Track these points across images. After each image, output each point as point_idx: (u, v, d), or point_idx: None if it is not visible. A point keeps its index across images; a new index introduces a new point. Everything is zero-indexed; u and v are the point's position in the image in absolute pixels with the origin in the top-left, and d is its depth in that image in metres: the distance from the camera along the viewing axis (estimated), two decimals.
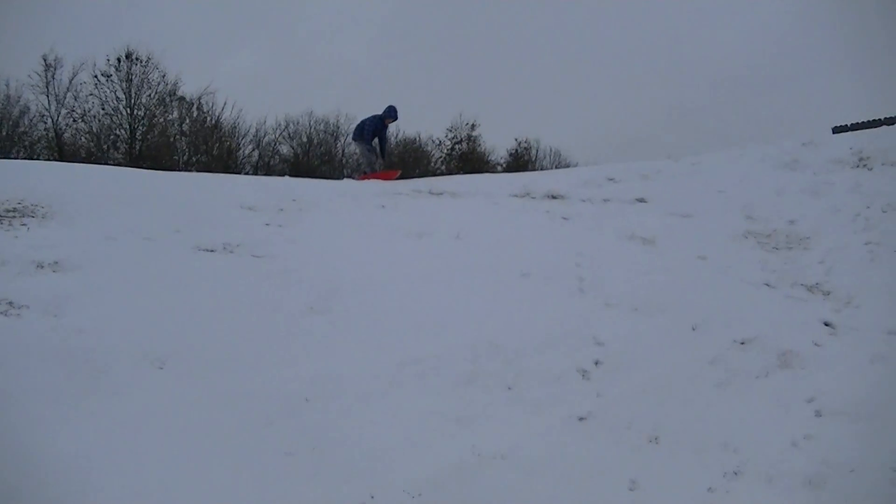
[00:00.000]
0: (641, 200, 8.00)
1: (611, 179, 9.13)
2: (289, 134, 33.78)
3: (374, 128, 9.68)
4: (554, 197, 8.87)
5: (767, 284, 5.50)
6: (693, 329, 4.71)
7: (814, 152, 8.60)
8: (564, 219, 7.81)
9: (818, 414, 3.78)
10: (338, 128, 39.15)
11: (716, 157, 9.50)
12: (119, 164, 17.80)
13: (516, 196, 9.10)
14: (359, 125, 9.86)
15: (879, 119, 12.32)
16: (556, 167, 40.90)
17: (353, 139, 10.17)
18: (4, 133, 18.77)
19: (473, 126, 33.80)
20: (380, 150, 9.87)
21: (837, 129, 12.42)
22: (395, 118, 9.88)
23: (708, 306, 5.01)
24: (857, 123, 12.53)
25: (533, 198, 8.87)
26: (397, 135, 39.28)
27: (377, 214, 7.27)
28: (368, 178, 9.72)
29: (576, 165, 37.57)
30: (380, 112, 9.83)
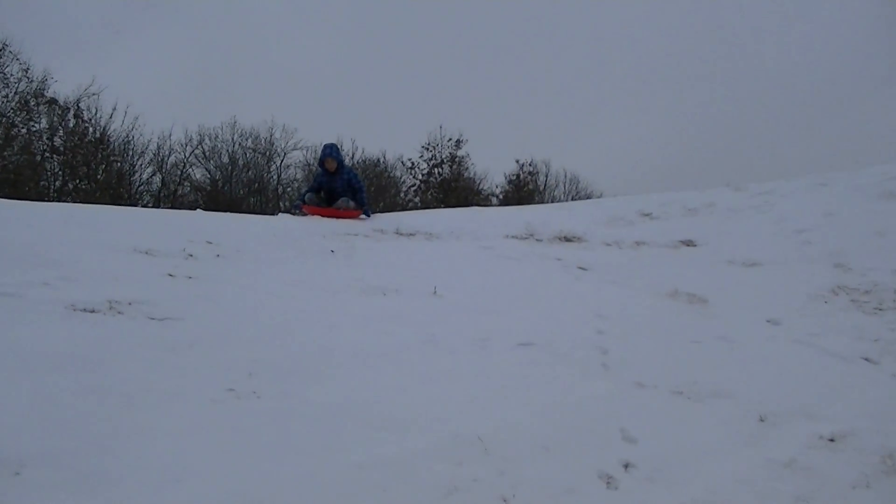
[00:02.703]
0: (688, 243, 8.14)
1: (646, 215, 9.29)
2: (204, 153, 33.98)
3: (315, 178, 10.93)
4: (568, 239, 9.00)
5: (867, 359, 5.56)
6: (761, 420, 4.71)
7: None
8: (582, 269, 7.89)
9: None
10: (272, 145, 39.48)
11: (790, 187, 9.71)
12: None
13: (516, 238, 9.20)
14: None
15: None
16: (573, 198, 41.55)
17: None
18: None
19: (459, 143, 34.16)
20: (354, 201, 10.72)
21: None
22: (330, 155, 10.80)
23: (781, 389, 5.05)
24: None
25: (539, 240, 8.97)
26: (353, 155, 39.71)
27: (325, 263, 7.30)
28: (318, 213, 9.96)
29: (599, 196, 38.15)
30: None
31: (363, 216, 10.64)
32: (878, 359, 5.53)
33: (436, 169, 34.06)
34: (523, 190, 36.97)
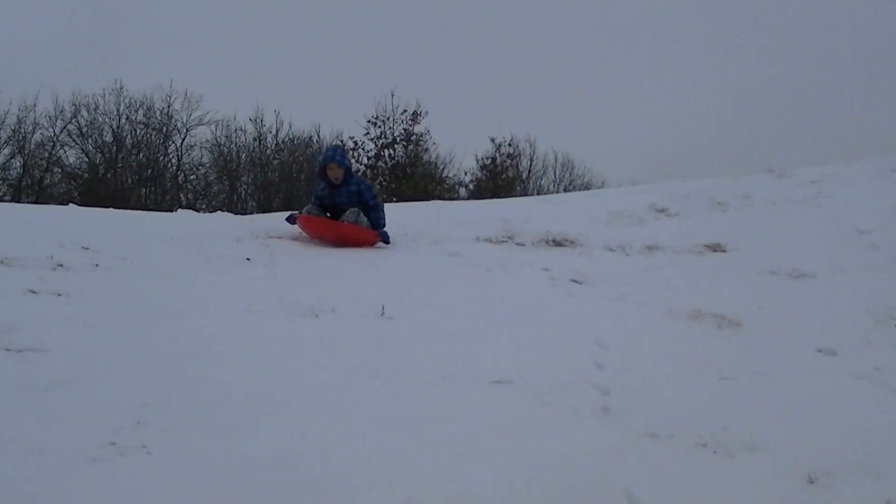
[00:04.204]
0: (716, 248, 8.19)
1: (661, 211, 9.34)
2: (80, 128, 33.64)
3: (314, 194, 10.18)
4: (559, 243, 9.00)
5: None
6: (809, 481, 4.68)
7: None
8: (576, 282, 7.91)
9: None
10: (170, 119, 39.23)
11: (850, 172, 9.79)
12: None
13: (490, 241, 9.18)
14: None
15: None
16: (565, 189, 41.51)
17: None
18: None
19: (416, 116, 34.07)
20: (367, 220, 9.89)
21: None
22: (332, 159, 10.00)
23: (836, 441, 5.05)
24: None
25: (520, 244, 8.97)
26: (276, 131, 39.55)
27: (239, 274, 7.25)
28: (314, 227, 9.62)
29: (600, 186, 38.24)
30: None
31: (381, 238, 9.80)
32: None
33: (386, 150, 33.97)
34: (501, 178, 36.99)
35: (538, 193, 39.08)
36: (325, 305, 6.68)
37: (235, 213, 14.18)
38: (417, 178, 31.92)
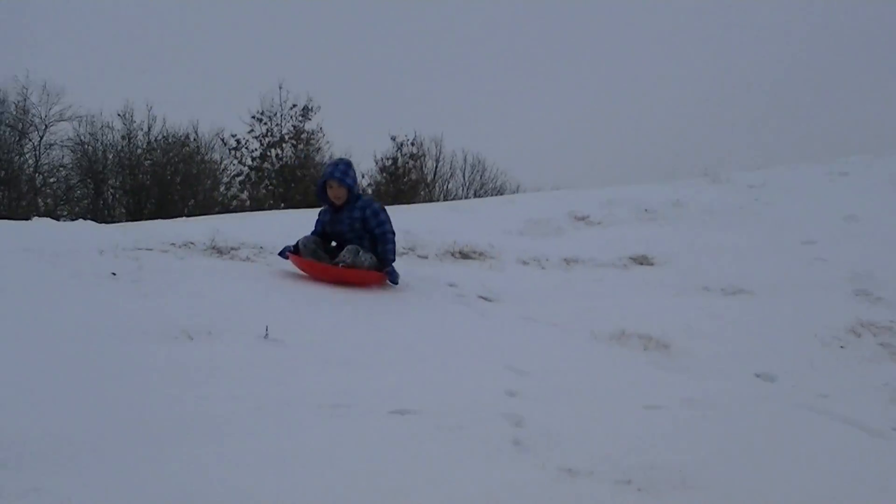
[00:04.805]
0: (643, 261, 8.26)
1: (582, 219, 9.35)
2: None
3: (318, 217, 9.43)
4: (467, 256, 8.98)
5: None
6: None
7: None
8: (486, 300, 7.92)
9: None
10: (26, 113, 38.56)
11: (794, 177, 9.89)
12: None
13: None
14: None
15: None
16: (476, 194, 41.74)
17: None
18: None
19: (307, 111, 34.01)
20: (376, 252, 9.10)
21: None
22: (332, 176, 9.16)
23: (777, 478, 5.04)
24: None
25: (423, 257, 8.90)
26: (149, 129, 39.14)
27: (103, 293, 7.13)
28: (307, 270, 8.96)
29: (514, 192, 38.54)
30: None
31: (389, 279, 8.98)
32: None
33: (273, 149, 33.92)
34: (402, 181, 37.12)
35: (444, 198, 39.19)
36: (200, 327, 6.56)
37: (101, 222, 13.92)
38: (308, 181, 31.84)
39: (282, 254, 9.22)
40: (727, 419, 5.73)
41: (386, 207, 9.12)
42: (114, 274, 7.78)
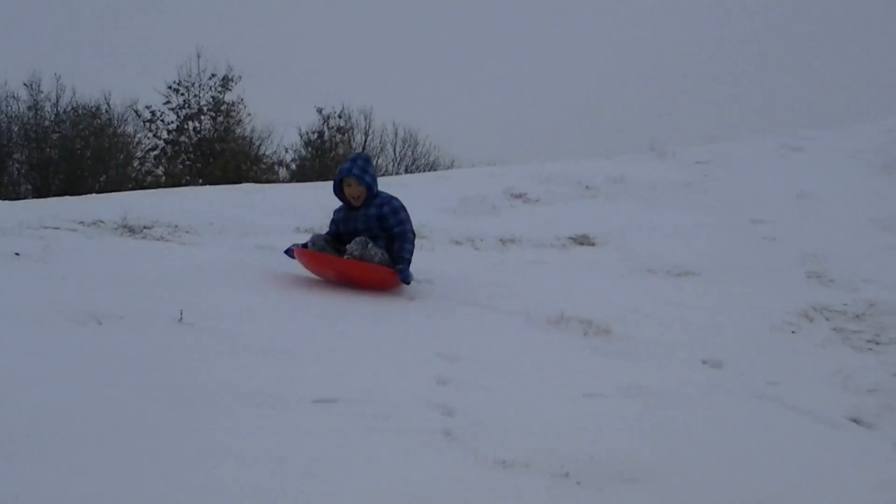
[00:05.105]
0: (584, 241, 8.31)
1: (518, 197, 9.34)
2: None
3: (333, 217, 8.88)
4: None
5: (856, 421, 5.64)
6: None
7: None
8: (415, 282, 7.96)
9: None
10: None
11: (744, 151, 9.93)
12: None
13: (309, 232, 9.04)
14: None
15: None
16: (407, 169, 41.70)
17: None
18: None
19: (227, 81, 33.79)
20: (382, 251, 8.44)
21: None
22: (350, 173, 8.49)
23: (723, 470, 5.03)
24: None
25: None
26: (57, 99, 38.67)
27: (5, 274, 7.13)
28: (313, 262, 8.42)
29: (448, 167, 38.59)
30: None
31: (400, 277, 8.32)
32: (875, 420, 5.62)
33: (190, 122, 33.70)
34: (329, 156, 37.00)
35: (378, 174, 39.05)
36: (111, 310, 6.46)
37: (4, 199, 13.77)
38: (228, 156, 31.66)
39: (287, 252, 8.54)
40: (671, 408, 5.71)
41: (309, 183, 8.90)
42: (17, 254, 7.72)
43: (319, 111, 37.87)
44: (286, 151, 38.46)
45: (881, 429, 5.52)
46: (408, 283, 8.27)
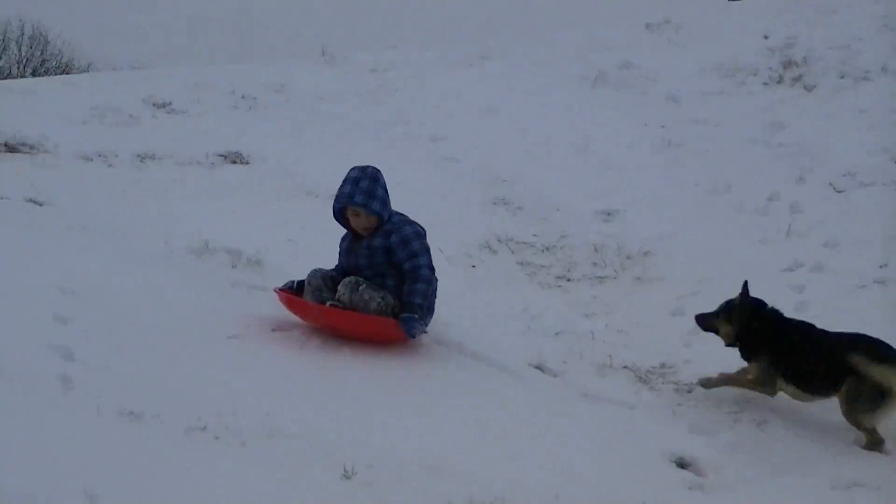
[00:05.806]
0: (235, 159, 8.18)
1: (161, 106, 9.22)
2: None
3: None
4: (13, 148, 8.47)
5: (542, 368, 5.73)
6: (346, 476, 4.54)
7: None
8: (35, 203, 7.44)
9: None
10: None
11: (423, 60, 9.96)
12: None
13: None
14: None
15: None
16: (33, 72, 40.26)
17: None
18: None
19: None
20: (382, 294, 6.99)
21: None
22: (352, 200, 6.85)
23: (379, 426, 5.09)
24: None
25: None
26: None
27: None
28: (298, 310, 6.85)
29: (84, 71, 37.47)
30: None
31: (403, 328, 6.81)
32: (561, 368, 5.69)
33: None
34: None
35: None
36: None
37: None
38: None
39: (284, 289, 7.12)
40: (319, 347, 5.90)
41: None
42: None
43: None
44: None
45: (567, 376, 5.47)
46: (413, 337, 6.89)
